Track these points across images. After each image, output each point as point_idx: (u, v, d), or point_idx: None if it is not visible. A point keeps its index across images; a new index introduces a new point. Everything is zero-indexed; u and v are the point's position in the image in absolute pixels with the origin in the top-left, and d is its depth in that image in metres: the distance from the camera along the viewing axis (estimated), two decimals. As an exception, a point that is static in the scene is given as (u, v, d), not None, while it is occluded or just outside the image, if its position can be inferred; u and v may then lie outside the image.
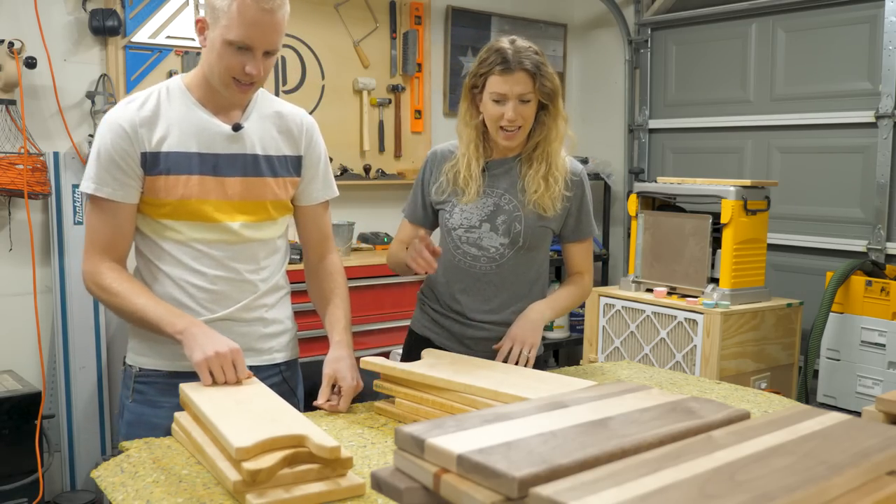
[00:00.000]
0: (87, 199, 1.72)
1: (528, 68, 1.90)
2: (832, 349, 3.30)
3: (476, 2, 4.40)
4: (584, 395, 1.11)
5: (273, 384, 1.76)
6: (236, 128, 1.75)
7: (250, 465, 1.22)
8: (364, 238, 3.95)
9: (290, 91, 3.83)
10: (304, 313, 2.19)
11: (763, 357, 3.30)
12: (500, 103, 1.93)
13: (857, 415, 1.19)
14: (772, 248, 3.52)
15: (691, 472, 0.82)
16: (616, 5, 4.53)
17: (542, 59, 1.94)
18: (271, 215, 1.81)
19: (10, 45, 2.99)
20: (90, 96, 3.26)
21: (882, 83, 3.50)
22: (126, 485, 1.32)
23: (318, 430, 1.33)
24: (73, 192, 3.23)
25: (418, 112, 4.24)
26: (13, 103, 3.08)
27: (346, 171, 3.93)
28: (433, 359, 1.82)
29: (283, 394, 1.66)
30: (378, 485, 0.95)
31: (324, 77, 3.93)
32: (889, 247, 3.51)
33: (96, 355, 3.26)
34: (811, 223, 3.82)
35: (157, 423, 1.65)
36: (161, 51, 3.39)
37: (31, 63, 3.03)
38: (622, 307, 3.49)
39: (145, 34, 3.36)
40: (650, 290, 3.44)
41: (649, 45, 4.52)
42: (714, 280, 3.26)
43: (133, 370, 1.79)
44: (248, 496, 1.22)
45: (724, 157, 4.19)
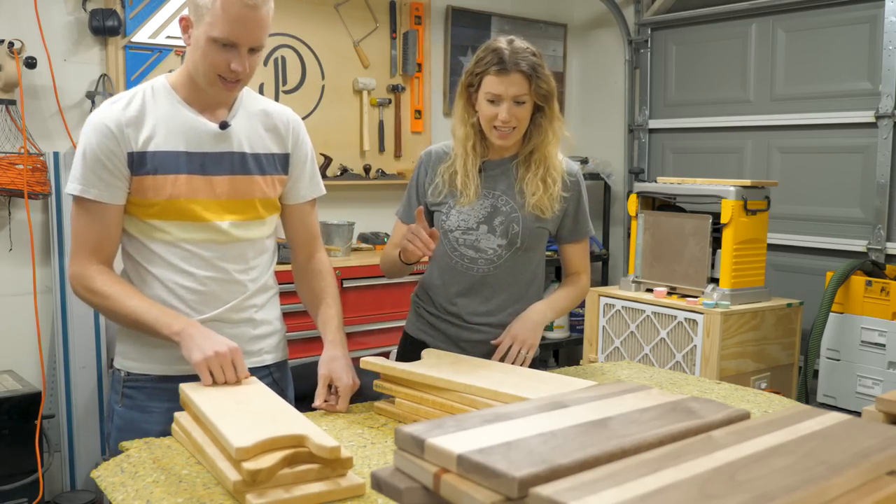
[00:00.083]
0: (73, 201, 1.69)
1: (524, 70, 1.88)
2: (832, 349, 3.30)
3: (476, 2, 4.40)
4: (584, 395, 1.11)
5: None
6: (223, 126, 1.73)
7: (250, 465, 1.22)
8: (364, 238, 3.95)
9: (290, 91, 3.83)
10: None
11: (763, 357, 3.30)
12: (494, 104, 1.91)
13: (857, 415, 1.19)
14: (772, 248, 3.52)
15: (691, 472, 0.82)
16: (616, 5, 4.53)
17: (539, 60, 1.92)
18: (260, 214, 1.79)
19: (10, 45, 2.99)
20: (90, 96, 3.26)
21: (882, 83, 3.50)
22: (126, 485, 1.32)
23: (318, 430, 1.33)
24: (73, 192, 3.23)
25: (418, 112, 4.24)
26: (13, 103, 3.08)
27: (346, 171, 3.93)
28: (433, 359, 1.82)
29: None
30: (378, 485, 0.95)
31: (324, 77, 3.93)
32: (889, 247, 3.51)
33: (96, 355, 3.26)
34: (811, 223, 3.82)
35: (147, 429, 1.62)
36: (161, 51, 3.39)
37: (31, 63, 3.04)
38: (622, 307, 3.49)
39: (145, 34, 3.36)
40: (650, 290, 3.44)
41: (649, 45, 4.52)
42: (714, 280, 3.26)
43: (121, 374, 1.76)
44: (248, 496, 1.22)
45: (724, 157, 4.19)
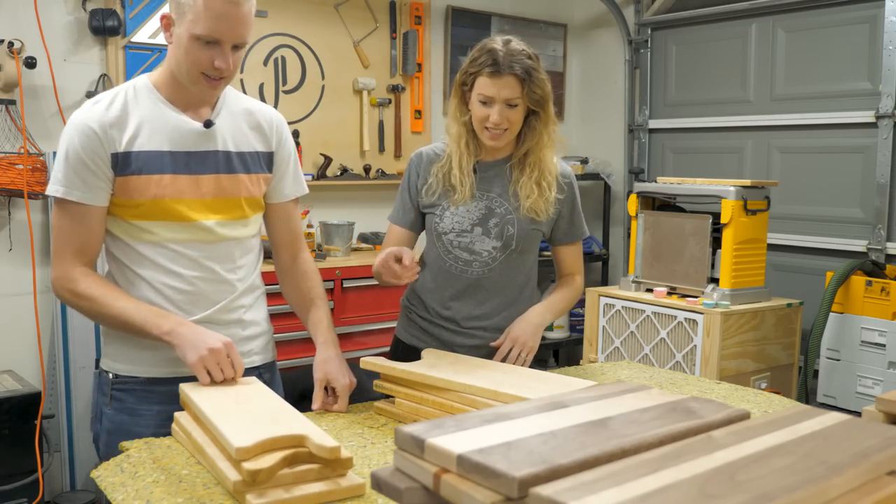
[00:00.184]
0: (55, 203, 1.68)
1: (518, 73, 1.85)
2: (832, 349, 3.30)
3: (476, 2, 4.40)
4: (584, 395, 1.11)
5: None
6: (208, 124, 1.72)
7: (250, 465, 1.22)
8: (364, 238, 3.95)
9: (290, 91, 3.83)
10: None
11: (763, 357, 3.30)
12: (486, 105, 1.88)
13: (857, 415, 1.19)
14: (772, 248, 3.52)
15: (691, 472, 0.82)
16: (616, 5, 4.54)
17: (534, 63, 1.88)
18: (245, 213, 1.78)
19: (10, 45, 2.99)
20: (90, 96, 3.24)
21: (882, 83, 3.50)
22: (126, 485, 1.32)
23: (318, 430, 1.33)
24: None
25: (418, 112, 4.24)
26: (13, 103, 3.08)
27: (346, 171, 3.93)
28: (433, 359, 1.82)
29: None
30: (378, 485, 0.95)
31: (324, 77, 3.93)
32: (889, 247, 3.51)
33: (96, 355, 3.26)
34: (811, 223, 3.82)
35: (138, 433, 1.60)
36: (161, 51, 3.38)
37: (31, 63, 3.04)
38: (622, 307, 3.49)
39: (145, 34, 3.35)
40: (650, 290, 3.44)
41: (649, 45, 4.52)
42: (714, 280, 3.26)
43: (109, 376, 1.74)
44: (248, 496, 1.22)
45: (724, 157, 4.19)
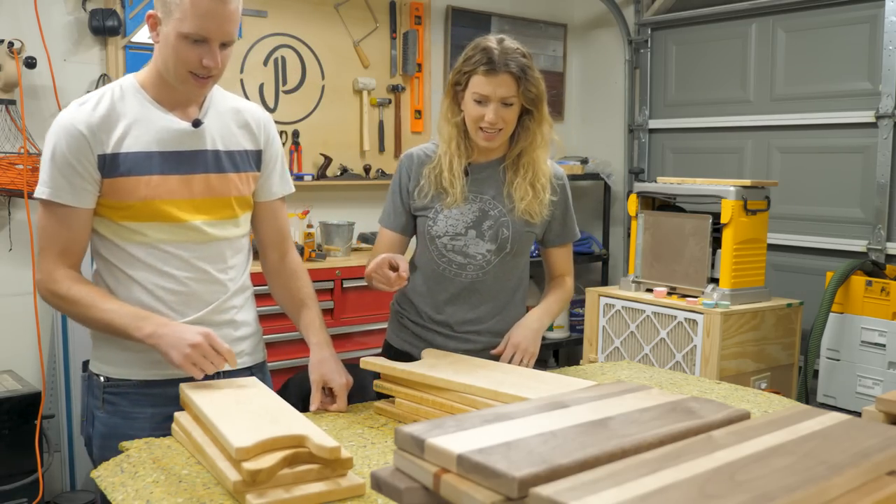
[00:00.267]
0: (41, 205, 1.65)
1: (514, 71, 1.83)
2: (832, 349, 3.30)
3: (476, 2, 4.40)
4: (584, 395, 1.11)
5: None
6: (196, 124, 1.70)
7: (250, 465, 1.22)
8: (364, 238, 3.95)
9: (290, 91, 3.83)
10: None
11: (763, 357, 3.30)
12: (481, 104, 1.86)
13: (857, 415, 1.19)
14: (772, 248, 3.52)
15: (691, 472, 0.82)
16: (616, 5, 4.53)
17: (529, 62, 1.87)
18: (235, 212, 1.77)
19: (10, 45, 2.99)
20: (90, 96, 3.26)
21: (882, 83, 3.50)
22: (126, 485, 1.32)
23: (318, 431, 1.33)
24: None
25: (418, 112, 4.24)
26: (13, 103, 3.08)
27: (346, 171, 3.93)
28: (433, 359, 1.82)
29: None
30: (378, 485, 0.95)
31: (324, 77, 3.93)
32: (889, 247, 3.51)
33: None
34: (811, 223, 3.82)
35: (133, 436, 1.58)
36: (161, 51, 3.39)
37: (31, 63, 3.03)
38: (622, 307, 3.49)
39: (145, 34, 3.30)
40: (650, 290, 3.44)
41: (649, 45, 4.52)
42: (714, 280, 3.26)
43: (100, 380, 1.71)
44: (248, 496, 1.22)
45: (724, 157, 4.19)
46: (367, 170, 4.03)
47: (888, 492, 0.87)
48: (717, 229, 3.24)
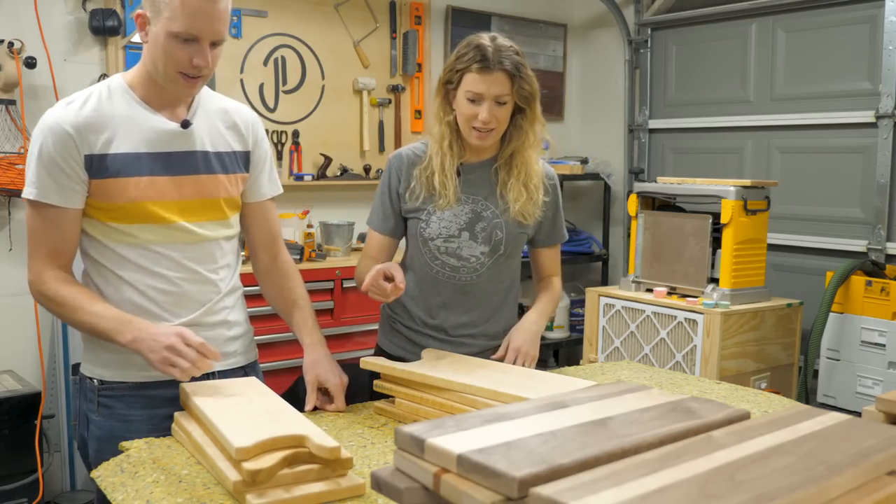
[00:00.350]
0: (28, 205, 1.64)
1: (508, 69, 1.81)
2: (832, 349, 3.30)
3: (476, 2, 4.40)
4: (584, 395, 1.11)
5: None
6: (185, 125, 1.68)
7: (250, 465, 1.22)
8: (364, 238, 3.94)
9: (290, 91, 3.83)
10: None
11: (763, 357, 3.30)
12: (475, 103, 1.83)
13: (857, 415, 1.19)
14: (772, 248, 3.52)
15: (691, 472, 0.82)
16: (616, 5, 4.53)
17: (522, 60, 1.85)
18: (224, 213, 1.76)
19: (10, 45, 2.99)
20: (90, 96, 3.26)
21: (882, 83, 3.50)
22: (126, 485, 1.32)
23: (318, 431, 1.33)
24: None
25: (418, 112, 4.24)
26: (13, 103, 3.08)
27: (346, 171, 3.93)
28: (433, 359, 1.82)
29: None
30: (378, 485, 0.95)
31: (324, 77, 3.93)
32: (889, 247, 3.51)
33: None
34: (811, 223, 3.82)
35: (129, 439, 1.56)
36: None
37: (31, 63, 3.04)
38: (622, 307, 3.49)
39: (145, 34, 3.36)
40: (650, 290, 3.44)
41: (649, 45, 4.52)
42: (714, 280, 3.26)
43: (94, 383, 1.69)
44: (248, 496, 1.22)
45: (724, 157, 4.19)
46: (367, 170, 4.03)
47: (888, 492, 0.87)
48: (717, 229, 3.24)
